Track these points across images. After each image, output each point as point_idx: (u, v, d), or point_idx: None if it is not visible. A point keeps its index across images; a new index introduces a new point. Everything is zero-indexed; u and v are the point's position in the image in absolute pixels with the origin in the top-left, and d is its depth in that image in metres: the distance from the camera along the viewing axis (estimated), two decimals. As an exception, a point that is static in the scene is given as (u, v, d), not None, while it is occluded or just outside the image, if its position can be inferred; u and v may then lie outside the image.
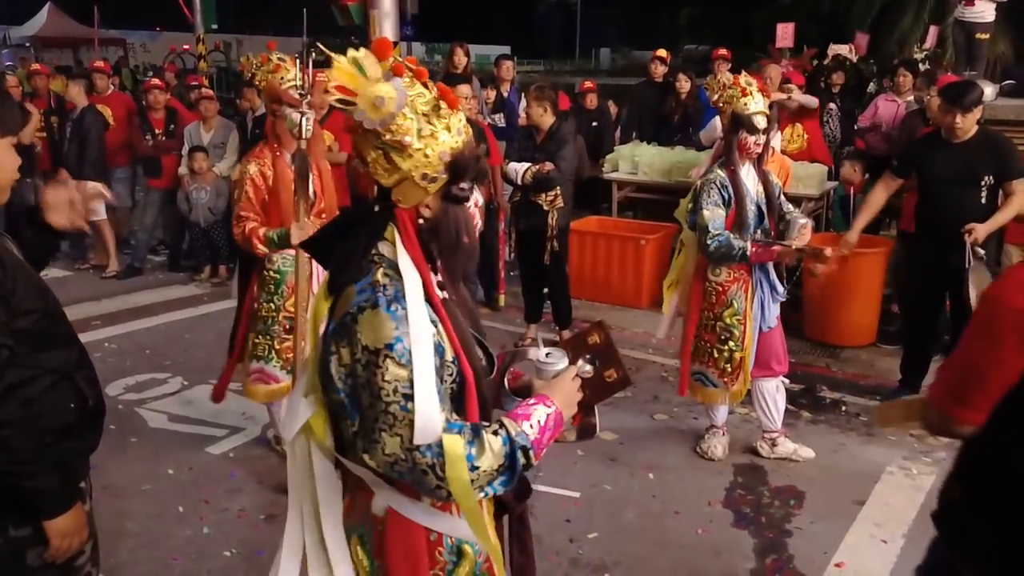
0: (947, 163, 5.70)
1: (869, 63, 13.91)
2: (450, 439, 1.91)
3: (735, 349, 5.09)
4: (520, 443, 1.97)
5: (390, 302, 1.92)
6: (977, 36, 9.49)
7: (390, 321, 1.90)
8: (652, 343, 7.37)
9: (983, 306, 2.22)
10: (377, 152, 1.99)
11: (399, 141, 1.95)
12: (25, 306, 2.40)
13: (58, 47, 26.61)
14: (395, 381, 1.89)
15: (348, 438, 2.05)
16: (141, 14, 34.28)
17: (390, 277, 1.98)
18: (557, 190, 6.81)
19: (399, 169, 1.98)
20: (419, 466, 1.90)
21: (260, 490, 4.99)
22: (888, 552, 4.41)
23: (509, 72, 10.63)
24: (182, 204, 9.51)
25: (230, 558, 4.34)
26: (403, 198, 2.02)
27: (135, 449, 5.50)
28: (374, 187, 2.06)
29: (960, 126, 5.60)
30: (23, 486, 2.34)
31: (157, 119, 9.71)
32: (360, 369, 1.92)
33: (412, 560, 2.09)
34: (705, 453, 5.37)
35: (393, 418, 1.89)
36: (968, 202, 5.66)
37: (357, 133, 1.99)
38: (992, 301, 2.18)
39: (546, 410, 2.08)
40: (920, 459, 5.40)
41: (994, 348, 2.10)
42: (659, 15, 28.85)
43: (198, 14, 16.29)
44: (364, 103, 1.91)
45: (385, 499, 2.08)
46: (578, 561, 4.32)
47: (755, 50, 14.89)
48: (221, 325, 7.74)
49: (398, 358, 1.89)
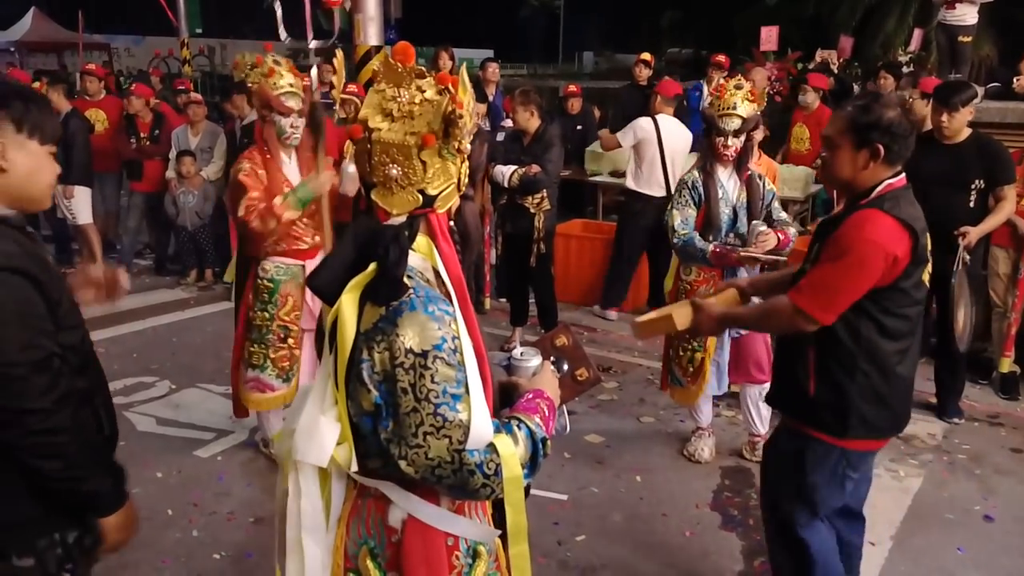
0: (937, 164, 5.67)
1: (853, 66, 13.95)
2: (500, 439, 1.95)
3: (697, 349, 5.13)
4: (540, 435, 2.04)
5: (426, 303, 1.92)
6: (960, 39, 9.56)
7: (432, 322, 1.90)
8: (638, 346, 7.39)
9: (861, 244, 2.96)
10: (441, 161, 2.01)
11: (463, 148, 2.01)
12: (69, 321, 2.40)
13: (43, 51, 26.49)
14: (444, 382, 1.88)
15: (372, 450, 2.02)
16: (125, 19, 34.18)
17: (415, 280, 1.97)
18: (543, 193, 6.83)
19: (450, 175, 2.03)
20: (466, 466, 1.90)
21: (249, 493, 4.98)
22: (876, 554, 4.43)
23: (494, 75, 10.66)
24: (169, 208, 9.48)
25: (219, 561, 4.33)
26: (443, 203, 2.06)
27: (123, 453, 5.35)
28: (406, 199, 2.03)
29: (947, 126, 5.63)
30: (82, 490, 2.37)
31: (143, 123, 9.67)
32: (403, 372, 1.88)
33: (433, 567, 2.08)
34: (692, 456, 5.38)
35: (443, 419, 1.88)
36: (956, 205, 5.68)
37: (430, 146, 1.98)
38: (871, 244, 2.95)
39: (545, 402, 2.16)
40: (907, 461, 5.44)
41: (864, 278, 2.98)
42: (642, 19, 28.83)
43: (182, 18, 16.25)
44: (468, 113, 1.97)
45: (404, 508, 2.06)
46: (566, 563, 4.33)
47: (738, 53, 14.90)
48: (208, 329, 7.77)
49: (447, 358, 1.89)
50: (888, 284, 3.01)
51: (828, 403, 3.19)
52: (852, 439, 3.21)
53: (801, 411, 3.32)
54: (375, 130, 1.99)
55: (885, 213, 2.99)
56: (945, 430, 5.91)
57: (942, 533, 4.65)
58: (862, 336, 3.09)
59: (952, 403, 6.10)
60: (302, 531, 2.11)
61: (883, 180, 3.07)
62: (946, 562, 4.39)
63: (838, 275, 3.02)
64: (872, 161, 3.04)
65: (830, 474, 3.28)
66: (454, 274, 2.04)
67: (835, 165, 3.14)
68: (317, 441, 2.04)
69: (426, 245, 2.04)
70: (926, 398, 6.30)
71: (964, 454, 5.57)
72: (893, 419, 3.26)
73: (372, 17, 9.88)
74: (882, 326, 3.08)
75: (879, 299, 3.04)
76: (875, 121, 3.00)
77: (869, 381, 3.13)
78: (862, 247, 2.96)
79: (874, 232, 2.96)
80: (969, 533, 4.66)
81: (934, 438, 5.79)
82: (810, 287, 3.08)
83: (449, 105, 1.95)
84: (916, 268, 3.05)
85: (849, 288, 3.01)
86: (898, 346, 3.13)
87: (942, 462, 5.46)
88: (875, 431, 3.24)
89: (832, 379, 3.17)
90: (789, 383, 3.33)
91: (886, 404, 3.18)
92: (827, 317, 3.06)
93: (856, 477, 3.36)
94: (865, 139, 3.02)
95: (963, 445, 5.69)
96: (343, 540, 2.14)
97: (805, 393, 3.23)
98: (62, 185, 9.46)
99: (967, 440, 5.77)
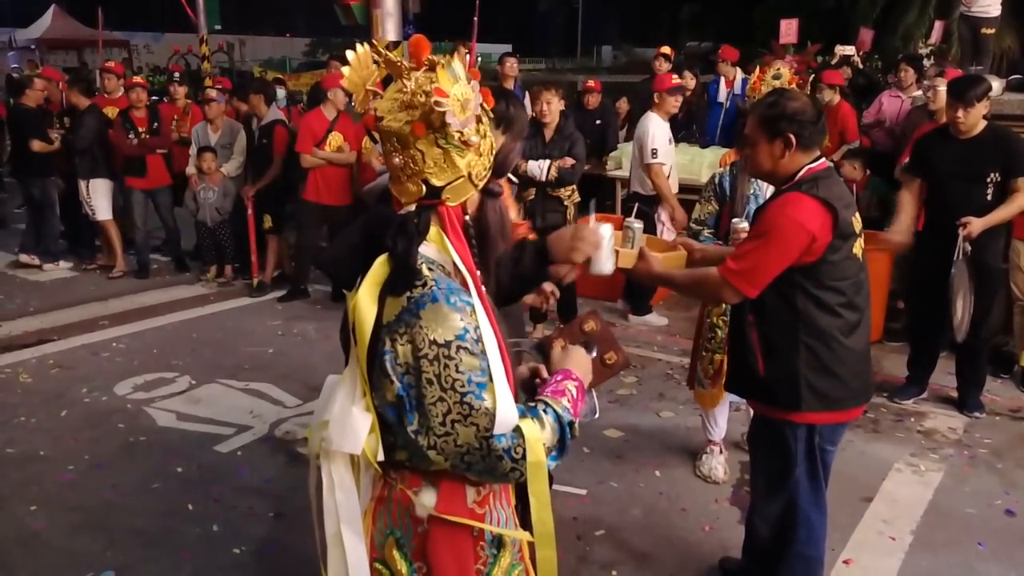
0: (954, 158, 5.65)
1: (874, 59, 13.87)
2: (526, 423, 1.96)
3: (717, 350, 4.97)
4: (567, 419, 2.04)
5: (448, 295, 1.93)
6: (983, 31, 9.47)
7: (454, 313, 1.91)
8: (657, 341, 7.39)
9: (781, 222, 3.15)
10: (438, 152, 1.99)
11: (467, 140, 1.99)
12: None
13: (63, 49, 26.68)
14: (469, 371, 1.90)
15: (398, 442, 2.04)
16: (145, 16, 34.35)
17: (435, 271, 1.98)
18: (574, 185, 6.87)
19: (456, 168, 2.01)
20: (494, 452, 1.92)
21: (269, 487, 5.00)
22: (896, 549, 4.41)
23: (513, 69, 10.65)
24: (189, 204, 9.52)
25: (240, 555, 4.35)
26: (452, 196, 2.04)
27: (144, 448, 5.51)
28: (409, 189, 2.03)
29: (963, 120, 5.58)
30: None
31: (139, 118, 9.57)
32: (427, 364, 1.90)
33: (459, 558, 2.10)
34: (708, 476, 5.14)
35: (469, 408, 1.90)
36: (974, 198, 5.61)
37: (420, 135, 1.97)
38: (790, 222, 3.13)
39: (573, 384, 2.16)
40: (928, 456, 5.41)
41: (784, 254, 3.16)
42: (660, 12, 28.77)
43: (201, 15, 16.31)
44: (455, 104, 1.94)
45: (430, 499, 2.08)
46: (585, 558, 4.33)
47: (758, 46, 14.84)
48: (228, 325, 7.81)
49: (470, 347, 1.91)
50: (816, 259, 3.19)
51: (778, 378, 3.36)
52: (809, 412, 3.34)
53: (757, 392, 3.52)
54: (381, 119, 2.01)
55: (804, 194, 3.19)
56: (966, 424, 5.88)
57: (963, 528, 4.62)
58: (799, 310, 3.27)
59: (973, 397, 6.06)
60: (341, 524, 2.11)
61: (803, 165, 3.28)
62: (967, 557, 4.36)
63: (761, 251, 3.21)
64: (786, 150, 3.26)
65: (807, 451, 3.43)
66: (468, 266, 2.04)
67: (756, 159, 3.39)
68: (351, 430, 2.05)
69: (437, 236, 2.04)
70: (947, 392, 6.27)
71: (985, 448, 5.53)
72: (849, 391, 3.38)
73: (390, 12, 9.92)
74: (818, 299, 3.25)
75: (811, 274, 3.22)
76: (781, 113, 3.24)
77: (813, 353, 3.29)
78: (782, 225, 3.16)
79: (793, 211, 3.16)
80: (990, 528, 4.62)
81: (955, 432, 5.76)
82: (736, 261, 3.27)
83: (432, 96, 1.94)
84: (844, 242, 3.22)
85: (770, 263, 3.20)
86: (839, 320, 3.28)
87: (963, 457, 5.42)
88: (832, 403, 3.36)
89: (777, 355, 3.36)
90: (742, 367, 3.51)
91: (835, 375, 3.32)
92: (751, 291, 3.25)
93: (832, 450, 3.54)
94: (776, 131, 3.25)
95: (984, 439, 5.66)
96: (370, 531, 2.16)
97: (756, 373, 3.42)
98: (84, 181, 9.56)
99: (988, 434, 5.73)
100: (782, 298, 3.27)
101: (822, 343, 3.28)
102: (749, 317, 3.40)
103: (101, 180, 9.66)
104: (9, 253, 10.89)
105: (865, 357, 3.43)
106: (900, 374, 6.43)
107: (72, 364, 7.01)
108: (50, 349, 7.37)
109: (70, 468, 5.22)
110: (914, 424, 5.89)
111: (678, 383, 6.53)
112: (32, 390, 6.46)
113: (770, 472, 3.58)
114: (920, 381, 6.27)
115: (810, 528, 3.54)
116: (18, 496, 4.89)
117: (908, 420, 5.95)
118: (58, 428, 5.78)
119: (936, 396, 6.31)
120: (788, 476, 3.47)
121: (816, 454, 3.44)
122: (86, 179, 9.57)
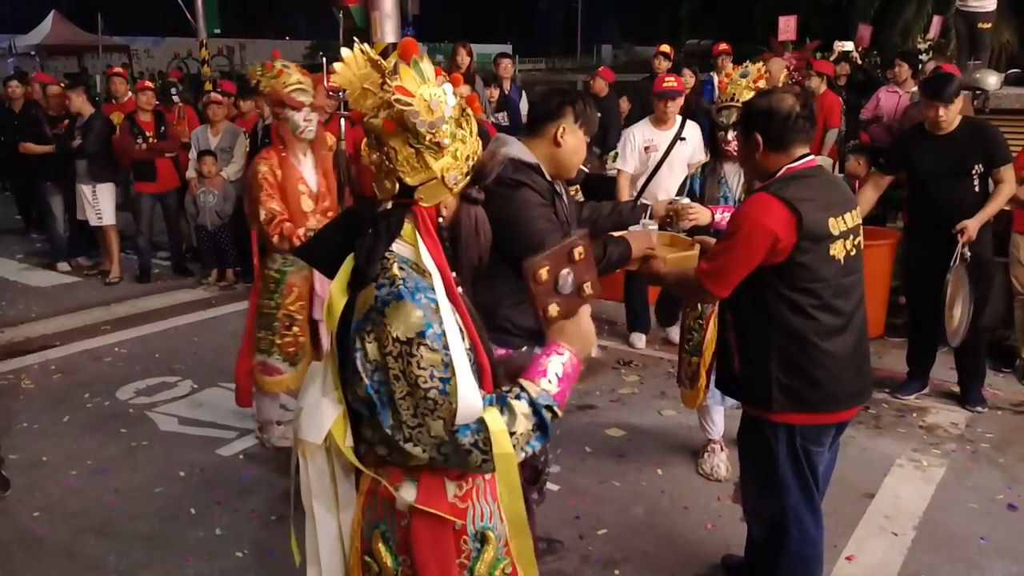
0: (936, 156, 5.67)
1: (872, 55, 13.86)
2: (489, 414, 1.97)
3: (693, 352, 4.90)
4: (542, 403, 2.03)
5: (413, 292, 1.96)
6: (979, 26, 9.48)
7: (417, 310, 1.94)
8: (659, 340, 7.39)
9: (745, 224, 3.17)
10: (410, 151, 2.02)
11: (438, 142, 2.01)
12: None
13: (63, 54, 26.67)
14: (431, 367, 1.93)
15: (371, 438, 2.09)
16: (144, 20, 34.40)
17: (405, 270, 2.01)
18: (577, 186, 6.84)
19: (429, 169, 2.03)
20: (462, 447, 1.96)
21: (271, 491, 5.01)
22: (899, 544, 4.42)
23: (508, 70, 10.65)
24: (189, 207, 9.53)
25: (242, 559, 4.36)
26: (426, 197, 2.06)
27: (146, 452, 5.52)
28: (385, 185, 2.08)
29: (944, 118, 5.60)
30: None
31: (145, 122, 9.57)
32: (392, 361, 1.94)
33: (440, 552, 2.13)
34: (710, 475, 5.13)
35: (434, 403, 1.93)
36: (962, 193, 5.65)
37: (389, 132, 2.01)
38: (752, 223, 3.15)
39: (560, 359, 2.13)
40: (930, 451, 5.41)
41: (749, 254, 3.17)
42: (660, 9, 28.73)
43: (200, 19, 16.30)
44: (420, 104, 1.97)
45: (410, 493, 2.11)
46: (588, 557, 4.33)
47: (757, 43, 14.82)
48: (229, 328, 7.81)
49: (431, 344, 1.93)
50: (784, 260, 3.18)
51: (752, 377, 3.39)
52: (783, 412, 3.33)
53: (735, 389, 3.57)
54: (364, 116, 2.05)
55: (771, 195, 3.19)
56: (968, 419, 5.87)
57: (965, 523, 4.62)
58: (771, 311, 3.27)
59: (975, 391, 6.06)
60: (312, 499, 2.21)
61: (782, 165, 3.28)
62: (969, 552, 4.36)
63: (727, 252, 3.26)
64: (757, 150, 3.29)
65: (790, 451, 3.40)
66: (440, 265, 2.07)
67: (741, 159, 3.50)
68: (316, 420, 2.12)
69: (411, 234, 2.08)
70: (949, 387, 6.27)
71: (987, 443, 5.53)
72: (826, 394, 3.32)
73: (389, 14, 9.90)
74: (789, 301, 3.24)
75: (782, 275, 3.22)
76: (751, 114, 3.33)
77: (785, 354, 3.28)
78: (747, 226, 3.19)
79: (756, 212, 3.18)
80: (993, 522, 4.63)
81: (957, 427, 5.75)
82: (708, 262, 3.35)
83: (394, 95, 1.97)
84: (815, 244, 3.18)
85: (736, 264, 3.23)
86: (813, 322, 3.25)
87: (965, 451, 5.42)
88: (806, 404, 3.32)
89: (751, 354, 3.39)
90: (724, 365, 3.59)
91: (810, 377, 3.29)
92: (721, 291, 3.31)
93: (819, 451, 3.47)
94: (748, 131, 3.31)
95: (986, 434, 5.66)
96: (359, 525, 2.21)
97: (734, 372, 3.48)
98: (89, 185, 9.58)
99: (990, 429, 5.73)
100: (756, 299, 3.30)
101: (794, 344, 3.27)
102: (728, 317, 3.47)
103: (108, 185, 9.69)
104: (11, 259, 10.91)
105: (849, 361, 3.34)
106: (902, 369, 6.43)
107: (74, 369, 7.02)
108: (52, 354, 7.38)
109: (73, 473, 5.23)
110: (916, 419, 5.89)
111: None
112: (34, 395, 6.47)
113: (757, 472, 3.58)
114: (921, 376, 6.26)
115: (803, 528, 3.51)
116: (21, 501, 4.90)
117: (910, 416, 5.95)
118: (60, 433, 5.79)
119: (938, 391, 6.30)
120: (774, 476, 3.45)
121: (799, 454, 3.40)
122: (92, 184, 9.58)
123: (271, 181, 4.97)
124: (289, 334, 5.22)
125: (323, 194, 5.18)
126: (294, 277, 5.16)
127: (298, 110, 4.97)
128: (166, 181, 9.78)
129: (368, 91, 2.03)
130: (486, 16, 46.90)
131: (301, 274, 5.16)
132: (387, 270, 2.01)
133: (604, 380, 6.53)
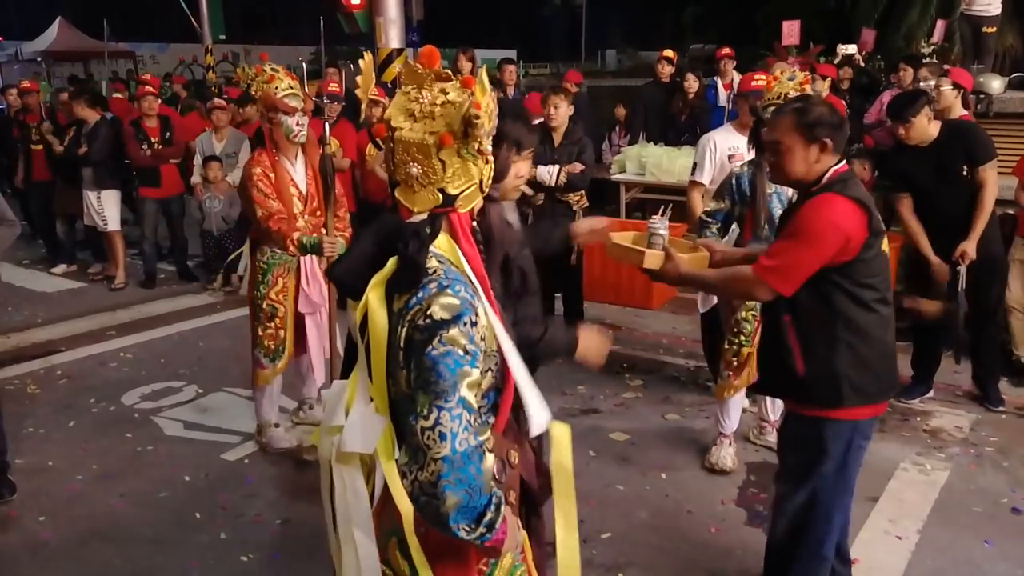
0: (924, 166, 5.75)
1: (876, 59, 13.85)
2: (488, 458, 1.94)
3: (744, 344, 5.09)
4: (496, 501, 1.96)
5: (453, 284, 1.95)
6: (984, 29, 9.49)
7: (454, 299, 1.92)
8: (663, 344, 7.39)
9: (818, 223, 3.21)
10: (461, 162, 2.02)
11: (485, 150, 2.04)
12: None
13: (69, 61, 26.73)
14: (451, 345, 1.90)
15: (399, 446, 2.06)
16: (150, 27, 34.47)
17: (444, 263, 2.01)
18: (583, 190, 6.86)
19: (471, 176, 2.05)
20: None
21: (276, 495, 5.02)
22: (903, 548, 4.42)
23: (512, 76, 10.67)
24: (195, 213, 9.56)
25: (247, 563, 4.37)
26: (464, 203, 2.07)
27: (151, 457, 5.54)
28: (426, 198, 2.05)
29: (906, 135, 5.75)
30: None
31: (151, 128, 9.57)
32: (417, 334, 1.93)
33: (460, 559, 2.13)
34: (715, 466, 5.22)
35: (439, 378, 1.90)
36: (956, 196, 5.71)
37: (448, 146, 1.99)
38: (827, 223, 3.20)
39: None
40: (934, 455, 5.40)
41: (819, 254, 3.21)
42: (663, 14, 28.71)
43: (205, 25, 16.36)
44: (484, 115, 1.98)
45: None
46: (592, 561, 4.32)
47: (760, 48, 14.81)
48: (235, 333, 7.81)
49: (462, 328, 1.91)
50: (852, 258, 3.25)
51: (818, 377, 3.38)
52: (850, 407, 3.37)
53: (796, 392, 3.50)
54: (397, 129, 2.02)
55: (838, 195, 3.27)
56: (972, 423, 5.87)
57: (969, 526, 4.62)
58: (837, 308, 3.31)
59: (994, 389, 6.10)
60: (352, 527, 2.16)
61: (830, 168, 3.34)
62: (973, 555, 4.36)
63: (796, 250, 3.28)
64: (822, 154, 3.32)
65: (845, 447, 3.44)
66: (478, 272, 2.07)
67: (788, 165, 3.39)
68: (367, 431, 2.10)
69: (447, 244, 2.06)
70: (954, 391, 6.27)
71: (991, 447, 5.53)
72: (879, 384, 3.42)
73: (393, 20, 9.94)
74: (855, 297, 3.30)
75: (848, 272, 3.27)
76: (818, 118, 3.31)
77: (852, 350, 3.32)
78: (819, 226, 3.23)
79: (829, 213, 3.23)
80: (997, 526, 4.62)
81: (961, 431, 5.75)
82: (771, 260, 3.34)
83: (470, 108, 1.97)
84: (876, 239, 3.30)
85: (806, 262, 3.26)
86: (875, 315, 3.34)
87: (969, 455, 5.42)
88: (868, 397, 3.40)
89: (817, 354, 3.37)
90: (778, 368, 3.51)
91: (873, 370, 3.37)
92: (786, 289, 3.32)
93: (866, 444, 3.54)
94: (813, 136, 3.30)
95: (990, 438, 5.65)
96: (375, 532, 2.18)
97: (795, 374, 3.42)
98: (94, 192, 9.59)
99: (994, 433, 5.73)
100: (819, 297, 3.33)
101: (859, 338, 3.33)
102: (785, 318, 3.42)
103: (112, 191, 9.70)
104: (16, 265, 10.94)
105: (894, 350, 3.49)
106: (906, 373, 6.40)
107: (80, 374, 7.04)
108: (57, 360, 7.40)
109: (78, 478, 5.25)
110: (920, 423, 5.88)
111: (684, 386, 6.54)
112: (40, 401, 6.49)
113: (799, 469, 3.58)
114: (926, 380, 6.26)
115: (830, 529, 3.55)
116: (27, 506, 4.92)
117: (914, 419, 5.95)
118: (66, 438, 5.80)
119: (942, 395, 6.30)
120: (815, 472, 3.48)
121: (851, 452, 3.46)
122: (97, 190, 9.59)
123: (267, 182, 5.03)
124: (270, 325, 5.32)
125: (312, 195, 5.27)
126: (279, 269, 5.27)
127: (291, 115, 5.03)
128: (170, 186, 9.79)
129: (412, 105, 2.02)
130: (490, 21, 46.94)
131: (287, 266, 5.28)
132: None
133: (608, 385, 6.54)
